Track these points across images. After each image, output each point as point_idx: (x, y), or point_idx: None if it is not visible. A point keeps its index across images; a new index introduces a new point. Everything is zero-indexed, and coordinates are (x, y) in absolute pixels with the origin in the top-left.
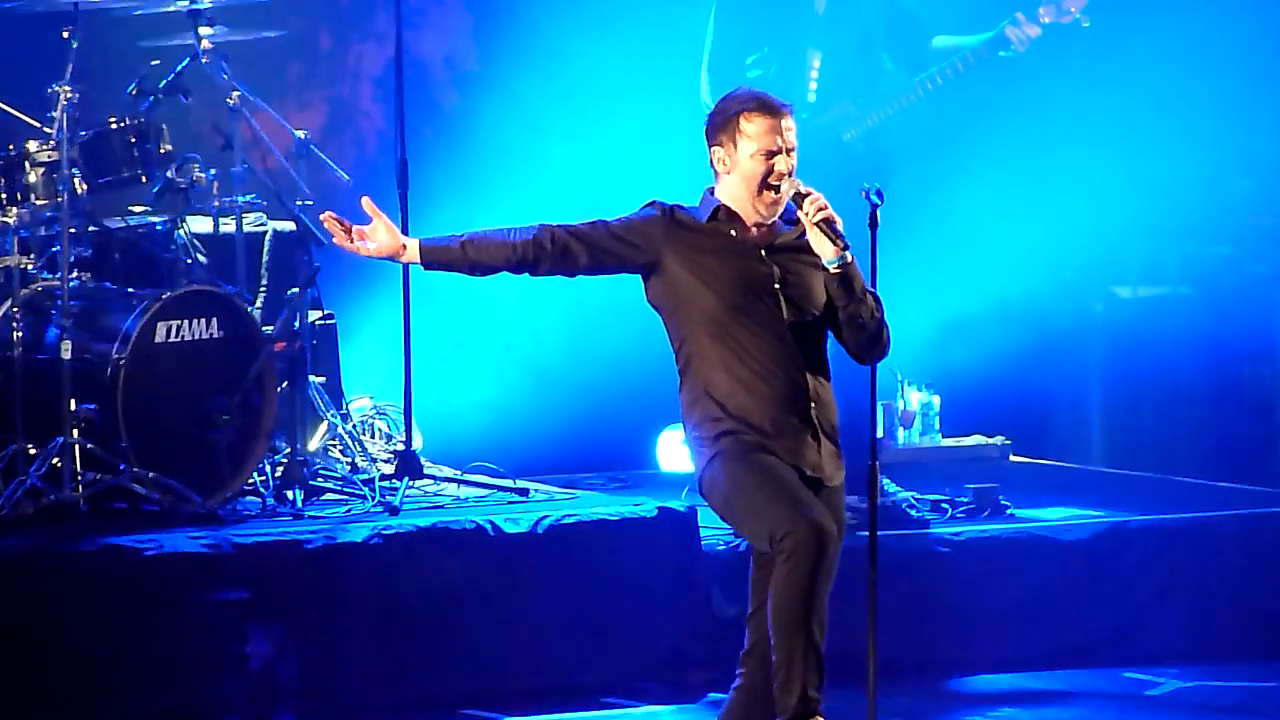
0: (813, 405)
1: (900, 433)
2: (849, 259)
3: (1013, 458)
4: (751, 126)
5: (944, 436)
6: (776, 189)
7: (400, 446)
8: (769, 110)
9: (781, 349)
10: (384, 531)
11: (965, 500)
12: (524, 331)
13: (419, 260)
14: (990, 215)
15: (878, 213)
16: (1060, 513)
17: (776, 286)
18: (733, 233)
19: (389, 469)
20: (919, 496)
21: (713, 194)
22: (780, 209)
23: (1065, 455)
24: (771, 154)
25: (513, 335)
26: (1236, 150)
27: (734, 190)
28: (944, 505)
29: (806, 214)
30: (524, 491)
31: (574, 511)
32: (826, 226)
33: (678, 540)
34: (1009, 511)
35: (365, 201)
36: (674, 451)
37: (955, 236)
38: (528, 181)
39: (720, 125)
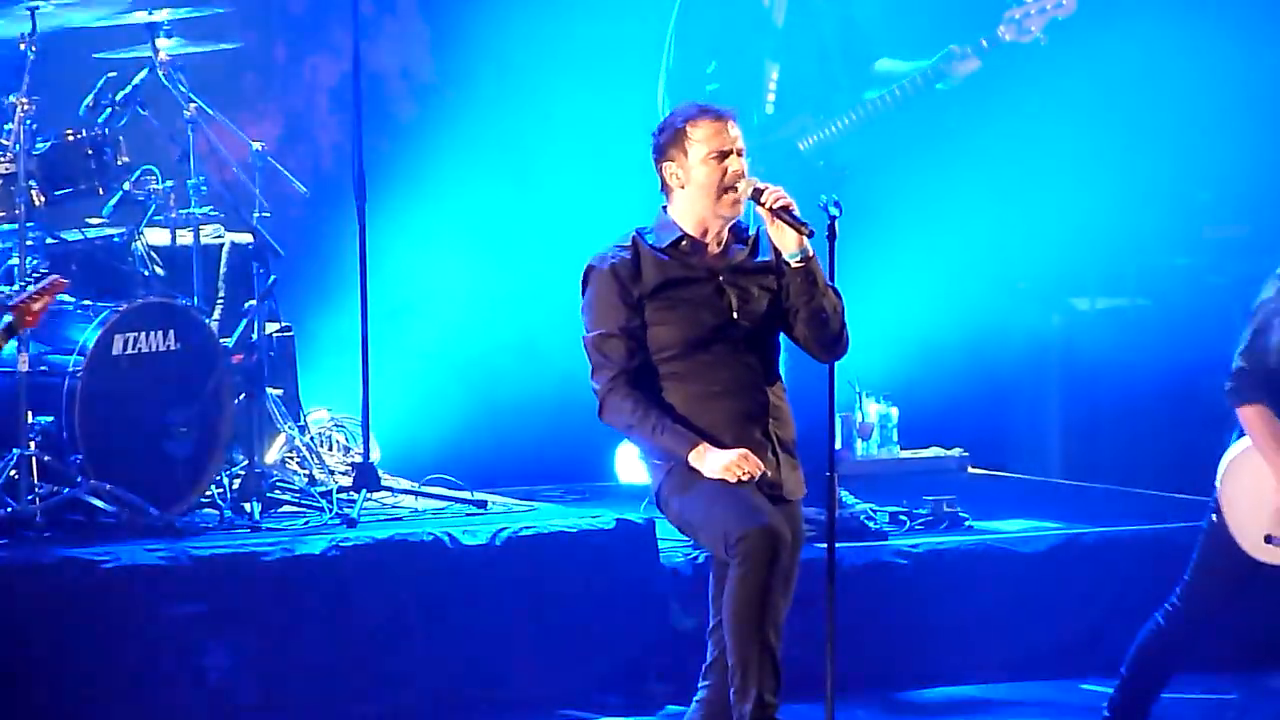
0: (771, 420)
1: (858, 445)
2: (810, 252)
3: (970, 470)
4: (699, 132)
5: (902, 448)
6: (734, 189)
7: (358, 459)
8: (713, 115)
9: (740, 369)
10: (342, 544)
11: (923, 512)
12: (481, 343)
13: None
14: (948, 227)
15: (835, 224)
16: (1018, 524)
17: (735, 315)
18: (693, 262)
19: (347, 481)
20: (877, 508)
21: (666, 213)
22: (740, 210)
23: (1023, 467)
24: (724, 154)
25: (470, 347)
26: (1195, 161)
27: (691, 203)
28: (902, 517)
29: (765, 205)
30: (482, 503)
31: (532, 523)
32: (786, 214)
33: (636, 553)
34: (966, 523)
35: None
36: (632, 464)
37: (913, 248)
38: (486, 192)
39: (669, 139)
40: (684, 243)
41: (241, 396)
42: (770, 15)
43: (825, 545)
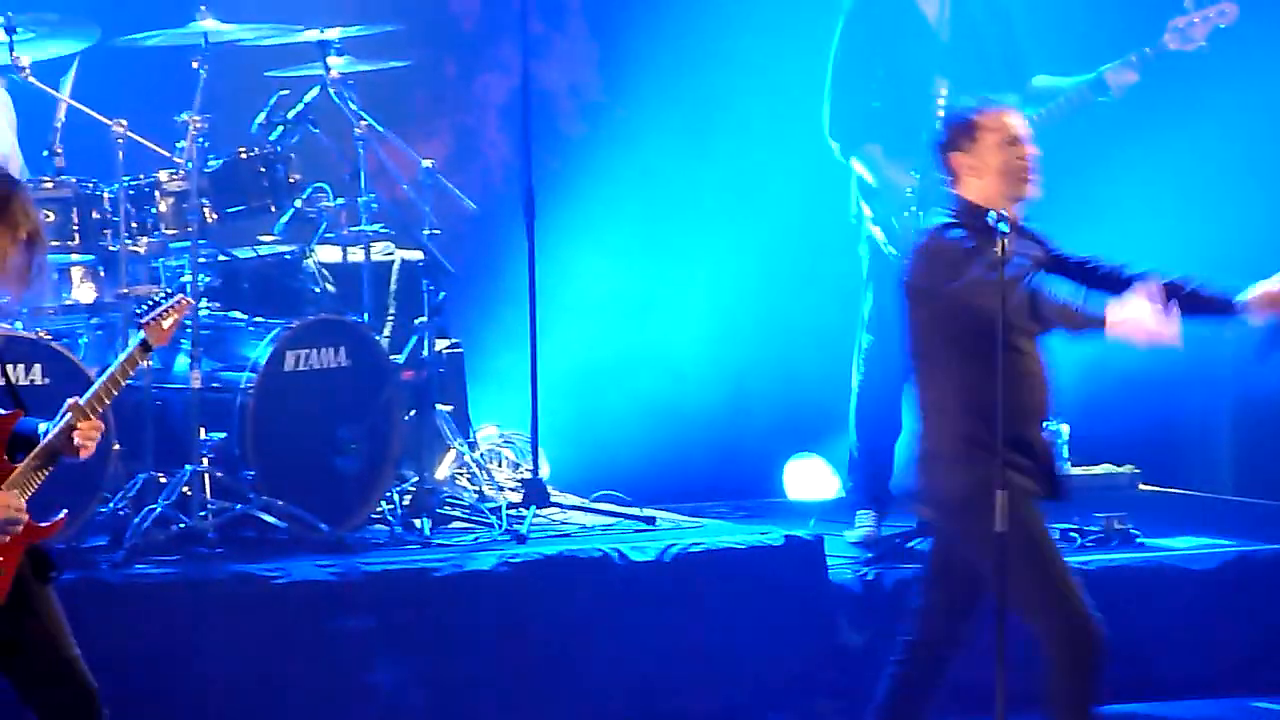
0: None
1: None
2: None
3: (1142, 486)
4: (990, 120)
5: (1073, 465)
6: (1026, 173)
7: (527, 475)
8: (1001, 106)
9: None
10: (511, 559)
11: (1094, 529)
12: (649, 360)
13: None
14: (1115, 240)
15: (1006, 241)
16: (1189, 541)
17: None
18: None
19: (516, 497)
20: (1048, 525)
21: (959, 201)
22: (1032, 192)
23: (1195, 484)
24: (1015, 139)
25: (638, 364)
26: None
27: (987, 190)
28: (1073, 534)
29: None
30: (650, 520)
31: (700, 540)
32: None
33: (804, 569)
34: (1138, 540)
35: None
36: (801, 479)
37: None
38: (654, 209)
39: (960, 130)
40: (992, 218)
41: (411, 413)
42: (936, 32)
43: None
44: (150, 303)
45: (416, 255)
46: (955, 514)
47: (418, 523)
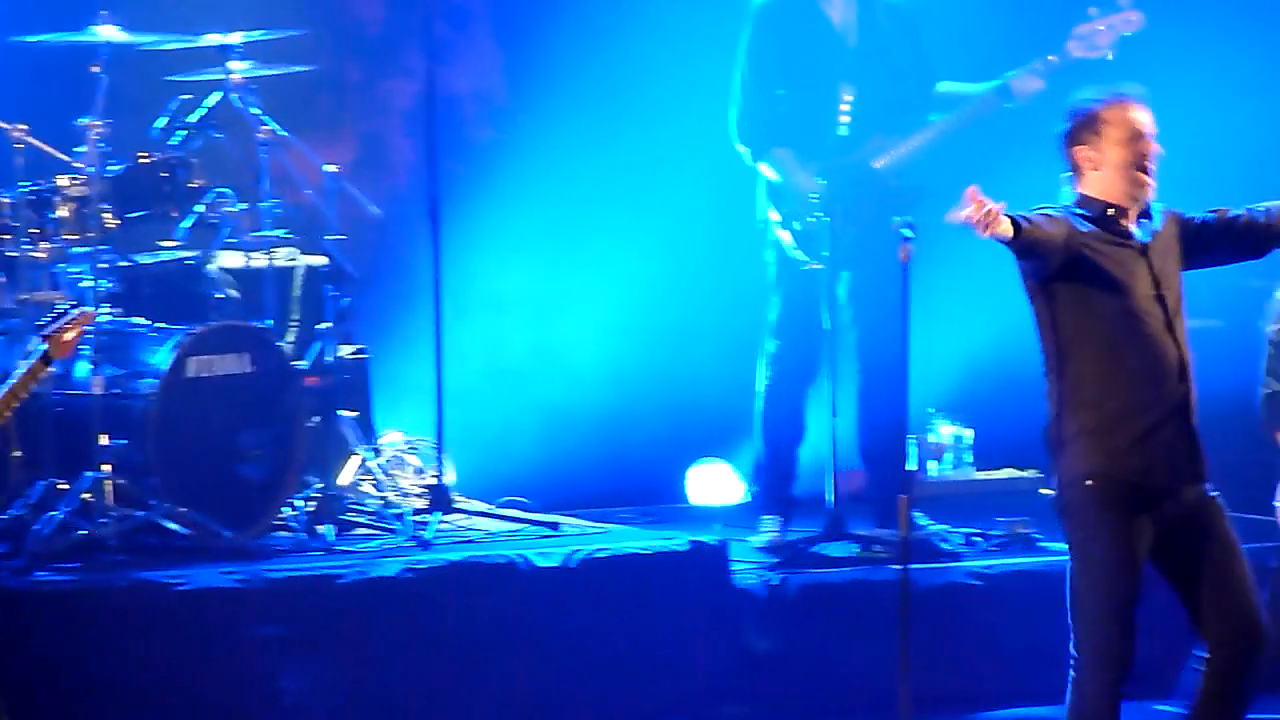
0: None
1: (931, 465)
2: None
3: (1044, 491)
4: (1115, 114)
5: (976, 470)
6: (1146, 169)
7: (432, 481)
8: (1127, 100)
9: (1163, 348)
10: (416, 566)
11: (997, 534)
12: (555, 367)
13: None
14: None
15: (910, 246)
16: None
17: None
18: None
19: (421, 503)
20: (951, 529)
21: (1080, 194)
22: (1151, 192)
23: None
24: (1138, 136)
25: (543, 370)
26: (1273, 181)
27: (1106, 184)
28: (976, 538)
29: None
30: (555, 526)
31: (606, 545)
32: None
33: (709, 574)
34: (1040, 545)
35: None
36: (706, 485)
37: (987, 269)
38: (561, 214)
39: (1083, 123)
40: (1110, 210)
41: (315, 419)
42: (843, 37)
43: (898, 567)
44: (52, 313)
45: (320, 261)
46: None
47: (322, 529)
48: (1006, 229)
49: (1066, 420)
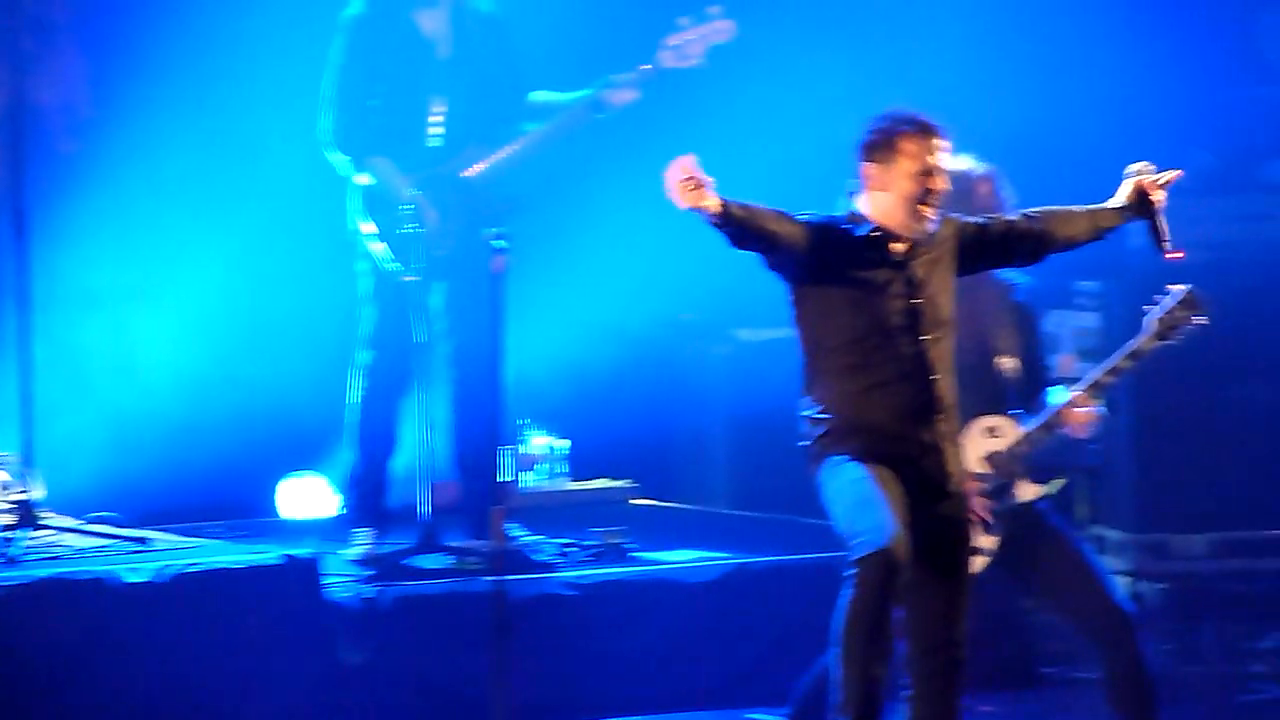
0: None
1: (525, 476)
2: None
3: (638, 501)
4: (912, 146)
5: (570, 480)
6: (929, 204)
7: (19, 496)
8: (929, 132)
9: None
10: (3, 583)
11: (591, 544)
12: (145, 378)
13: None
14: (615, 259)
15: (502, 257)
16: (686, 555)
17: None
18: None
19: (7, 519)
20: (545, 540)
21: (856, 205)
22: (930, 226)
23: (690, 498)
24: (929, 172)
25: (134, 382)
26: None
27: (886, 208)
28: (570, 549)
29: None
30: (145, 540)
31: (197, 560)
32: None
33: (302, 588)
34: (634, 554)
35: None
36: (299, 498)
37: (580, 280)
38: (153, 226)
39: (879, 144)
40: (875, 233)
41: None
42: (434, 48)
43: (492, 578)
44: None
45: None
46: None
47: None
48: (712, 205)
49: (811, 430)
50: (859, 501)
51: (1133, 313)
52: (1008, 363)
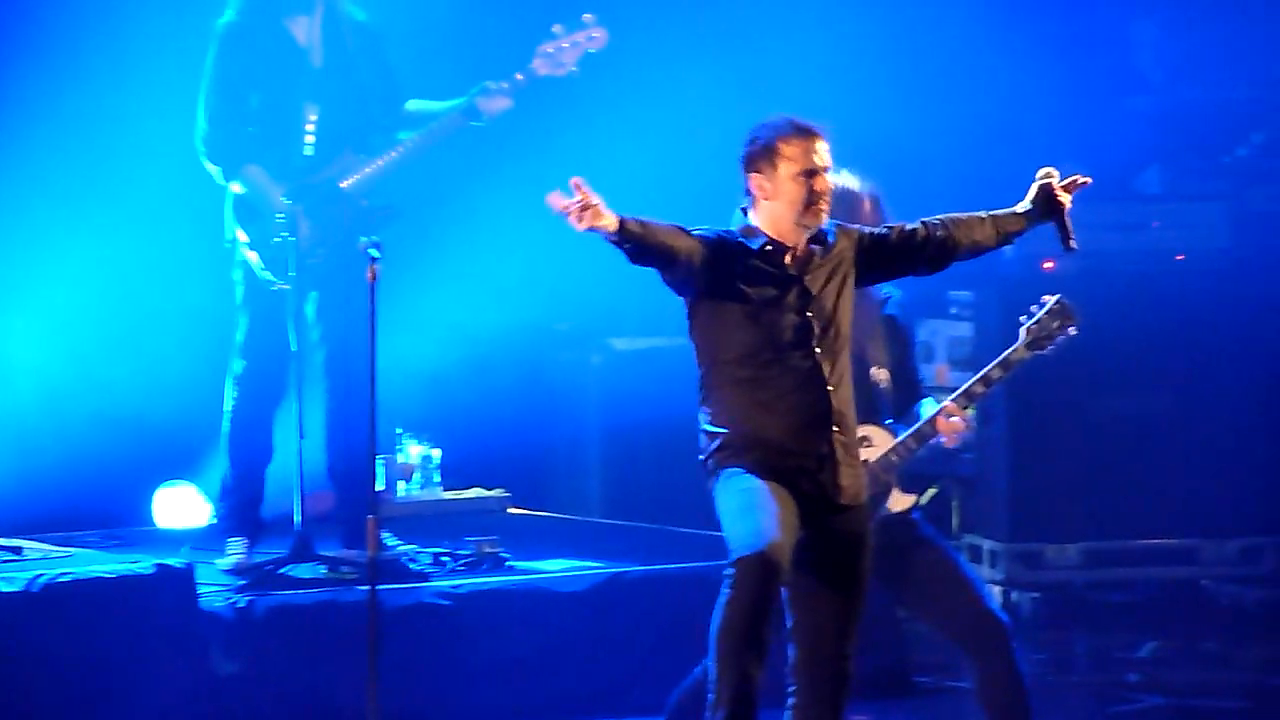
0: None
1: (400, 485)
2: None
3: (512, 510)
4: (792, 148)
5: (444, 489)
6: (819, 204)
7: None
8: (807, 132)
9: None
10: None
11: (465, 553)
12: (14, 384)
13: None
14: (490, 268)
15: (377, 266)
16: (560, 564)
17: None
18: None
19: None
20: (419, 549)
21: (748, 219)
22: (822, 223)
23: (564, 507)
24: (812, 172)
25: (2, 387)
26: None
27: (775, 214)
28: (444, 558)
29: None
30: (18, 550)
31: (70, 570)
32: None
33: (176, 597)
34: (508, 564)
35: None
36: (172, 507)
37: (456, 289)
38: (31, 237)
39: (759, 152)
40: (768, 246)
41: None
42: (308, 56)
43: (366, 588)
44: None
45: None
46: None
47: None
48: (608, 223)
49: (708, 444)
50: (743, 508)
51: (1006, 322)
52: (880, 374)
